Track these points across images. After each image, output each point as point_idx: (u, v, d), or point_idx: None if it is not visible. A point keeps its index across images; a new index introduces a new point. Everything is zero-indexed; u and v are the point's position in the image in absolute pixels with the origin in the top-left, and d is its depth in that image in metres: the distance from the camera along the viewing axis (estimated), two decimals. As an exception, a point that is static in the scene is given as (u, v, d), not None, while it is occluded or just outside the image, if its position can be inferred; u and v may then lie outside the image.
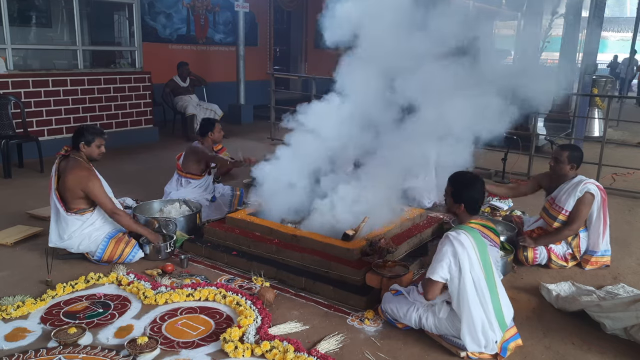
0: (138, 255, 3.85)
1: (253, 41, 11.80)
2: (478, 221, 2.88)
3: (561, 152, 3.99)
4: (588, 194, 3.88)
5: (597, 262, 3.97)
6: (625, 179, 6.78)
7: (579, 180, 3.94)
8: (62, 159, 3.89)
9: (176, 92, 8.90)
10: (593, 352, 2.88)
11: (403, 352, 2.81)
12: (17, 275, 3.60)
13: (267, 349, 2.70)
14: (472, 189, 2.87)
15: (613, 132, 10.15)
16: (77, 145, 3.84)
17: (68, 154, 3.89)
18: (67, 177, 3.76)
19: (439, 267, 2.72)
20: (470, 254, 2.71)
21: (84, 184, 3.75)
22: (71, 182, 3.75)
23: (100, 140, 3.88)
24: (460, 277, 2.69)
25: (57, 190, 3.81)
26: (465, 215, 2.88)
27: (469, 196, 2.86)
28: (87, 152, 3.85)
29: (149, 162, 7.07)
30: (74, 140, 3.86)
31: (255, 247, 3.87)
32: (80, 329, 2.83)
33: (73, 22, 7.52)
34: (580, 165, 4.03)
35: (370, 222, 3.83)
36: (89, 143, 3.83)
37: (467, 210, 2.87)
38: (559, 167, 3.99)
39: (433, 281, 2.74)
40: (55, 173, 3.84)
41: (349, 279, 3.42)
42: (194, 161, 4.95)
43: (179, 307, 3.22)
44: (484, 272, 2.74)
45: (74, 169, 3.77)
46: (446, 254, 2.71)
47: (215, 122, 5.17)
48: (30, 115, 6.84)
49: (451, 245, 2.72)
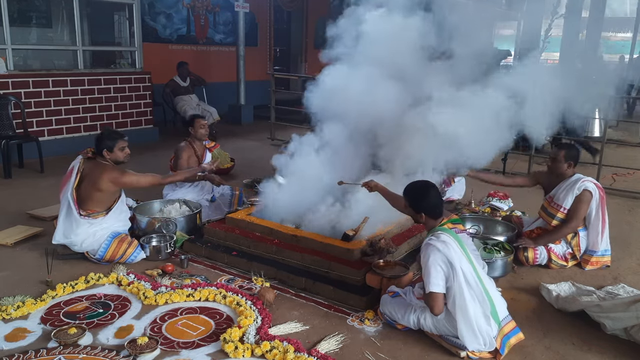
0: (140, 256, 3.86)
1: (253, 41, 11.81)
2: (446, 219, 2.92)
3: (558, 151, 4.03)
4: (586, 192, 3.89)
5: (597, 262, 3.97)
6: (625, 179, 6.78)
7: (577, 178, 3.95)
8: (86, 161, 3.88)
9: (176, 92, 8.91)
10: (593, 352, 2.88)
11: (403, 353, 2.81)
12: (17, 276, 3.60)
13: (267, 349, 2.70)
14: (427, 197, 2.93)
15: (613, 132, 10.14)
16: (101, 152, 3.86)
17: (94, 157, 3.89)
18: (100, 179, 3.77)
19: (434, 277, 2.72)
20: (455, 250, 2.74)
21: (121, 182, 3.84)
22: (105, 184, 3.78)
23: (121, 143, 3.89)
24: (454, 274, 2.71)
25: (75, 190, 3.80)
26: (431, 221, 2.93)
27: (426, 204, 2.92)
28: (112, 158, 3.88)
29: (149, 162, 7.06)
30: (97, 147, 3.88)
31: (256, 247, 3.87)
32: (80, 329, 2.83)
33: (73, 22, 7.52)
34: (578, 163, 4.06)
35: (370, 222, 3.83)
36: (111, 149, 3.85)
37: (430, 216, 2.92)
38: (556, 166, 4.02)
39: (435, 293, 2.73)
40: (78, 173, 3.81)
41: (349, 279, 3.42)
42: (183, 161, 4.91)
43: (179, 308, 3.21)
44: (471, 265, 2.76)
45: (106, 171, 3.79)
46: (435, 263, 2.72)
47: (197, 117, 5.04)
48: (30, 116, 6.84)
49: (436, 251, 2.73)
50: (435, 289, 2.71)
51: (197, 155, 5.02)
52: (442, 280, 2.71)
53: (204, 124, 5.03)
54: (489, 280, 2.90)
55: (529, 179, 4.50)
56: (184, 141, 5.03)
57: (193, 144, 5.02)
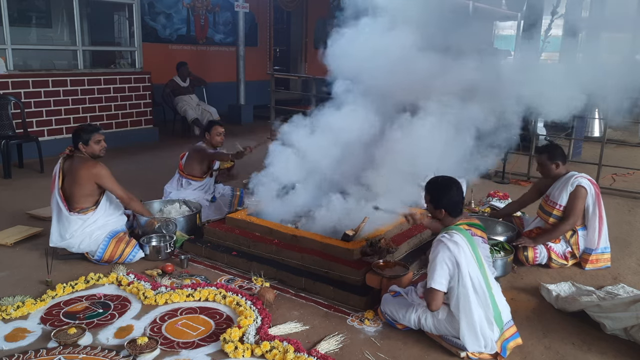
0: (138, 255, 3.86)
1: (253, 41, 11.81)
2: (464, 221, 2.89)
3: (540, 157, 4.06)
4: (580, 187, 3.90)
5: (596, 260, 3.97)
6: (625, 179, 6.78)
7: (570, 175, 3.97)
8: (65, 159, 3.93)
9: (176, 92, 8.90)
10: (593, 352, 2.88)
11: (403, 353, 2.81)
12: (17, 276, 3.60)
13: (267, 349, 2.70)
14: (449, 192, 2.87)
15: (613, 132, 10.14)
16: (77, 147, 3.90)
17: (72, 154, 3.93)
18: (78, 173, 3.81)
19: (438, 275, 2.70)
20: (466, 253, 2.71)
21: (97, 176, 3.83)
22: (83, 178, 3.80)
23: (97, 136, 3.92)
24: (459, 276, 2.69)
25: (61, 190, 3.83)
26: (449, 218, 2.89)
27: (447, 200, 2.86)
28: (89, 151, 3.90)
29: (149, 162, 7.07)
30: (73, 142, 3.93)
31: (255, 247, 3.87)
32: (80, 329, 2.83)
33: (73, 23, 7.53)
34: (566, 161, 4.07)
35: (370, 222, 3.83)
36: (86, 142, 3.88)
37: (450, 213, 2.88)
38: (545, 170, 4.05)
39: (436, 290, 2.71)
40: (59, 173, 3.88)
41: (349, 279, 3.42)
42: (197, 162, 4.92)
43: (179, 308, 3.21)
44: (480, 271, 2.74)
45: (83, 165, 3.83)
46: (442, 260, 2.70)
47: (215, 124, 5.03)
48: (30, 116, 6.84)
49: (446, 250, 2.70)
50: (436, 286, 2.70)
51: (209, 161, 5.02)
52: (445, 280, 2.70)
53: (221, 132, 4.98)
54: (497, 287, 2.88)
55: (531, 194, 4.39)
56: (200, 142, 5.01)
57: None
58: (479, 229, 2.91)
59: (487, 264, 2.85)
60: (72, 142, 3.93)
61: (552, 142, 5.48)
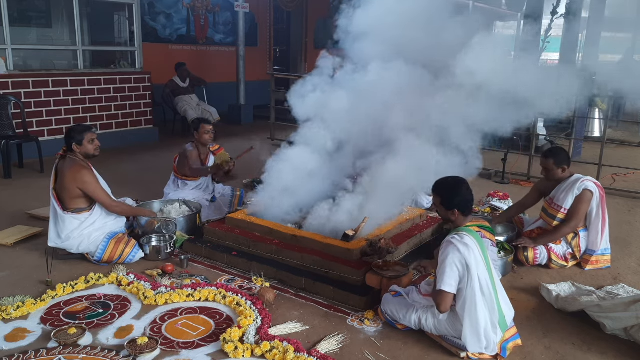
0: (138, 255, 3.86)
1: (253, 41, 11.81)
2: (474, 222, 2.87)
3: (546, 162, 4.01)
4: (587, 191, 3.89)
5: (597, 262, 3.97)
6: (625, 179, 6.78)
7: (576, 179, 3.94)
8: (60, 159, 3.93)
9: (176, 92, 8.91)
10: (593, 352, 2.88)
11: (403, 353, 2.81)
12: (17, 276, 3.60)
13: (267, 349, 2.70)
14: (460, 192, 2.83)
15: (613, 132, 10.15)
16: (71, 147, 3.88)
17: (65, 155, 3.93)
18: (64, 176, 3.80)
19: (448, 277, 2.67)
20: (476, 255, 2.69)
21: (80, 181, 3.79)
22: (68, 181, 3.79)
23: (90, 135, 3.90)
24: (468, 278, 2.67)
25: (54, 190, 3.85)
26: (461, 218, 2.85)
27: (459, 200, 2.82)
28: (82, 151, 3.88)
29: (149, 162, 7.07)
30: (67, 143, 3.90)
31: (255, 247, 3.87)
32: (80, 330, 2.83)
33: (73, 23, 7.53)
34: (571, 164, 4.05)
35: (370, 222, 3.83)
36: (80, 142, 3.86)
37: (462, 213, 2.84)
38: (551, 175, 4.02)
39: (445, 293, 2.68)
40: (54, 173, 3.89)
41: (349, 279, 3.42)
42: (186, 165, 4.93)
43: (179, 308, 3.21)
44: (488, 273, 2.74)
45: (70, 167, 3.81)
46: (453, 262, 2.67)
47: (203, 122, 4.99)
48: (30, 116, 6.85)
49: (456, 252, 2.68)
50: (446, 288, 2.67)
51: (201, 159, 5.02)
52: (455, 281, 2.68)
53: (209, 129, 4.96)
54: (502, 290, 2.87)
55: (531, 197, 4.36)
56: (189, 143, 5.02)
57: (197, 147, 5.01)
58: (489, 232, 2.89)
59: (494, 267, 2.84)
60: (65, 143, 3.90)
61: (557, 146, 5.43)
